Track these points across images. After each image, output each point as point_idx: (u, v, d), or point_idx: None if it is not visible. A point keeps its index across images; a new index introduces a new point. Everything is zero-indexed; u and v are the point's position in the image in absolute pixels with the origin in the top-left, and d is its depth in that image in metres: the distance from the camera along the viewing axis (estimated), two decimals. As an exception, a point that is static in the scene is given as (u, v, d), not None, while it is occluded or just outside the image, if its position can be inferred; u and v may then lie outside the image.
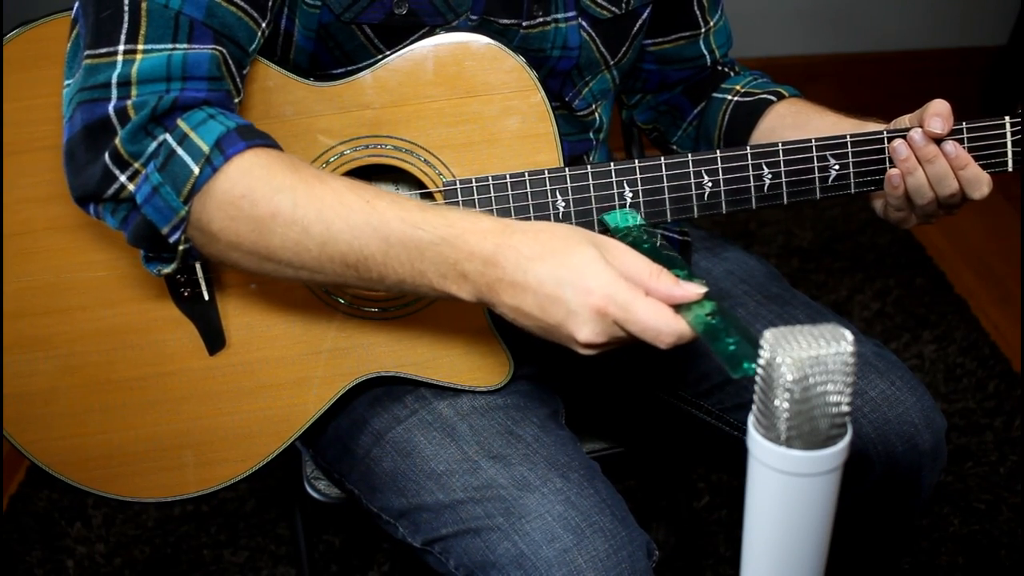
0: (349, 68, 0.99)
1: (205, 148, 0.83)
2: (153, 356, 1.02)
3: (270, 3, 0.91)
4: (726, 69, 1.22)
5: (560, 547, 0.93)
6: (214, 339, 1.01)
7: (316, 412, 1.04)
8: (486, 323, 1.03)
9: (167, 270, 0.89)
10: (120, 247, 0.99)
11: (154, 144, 0.83)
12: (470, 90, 0.97)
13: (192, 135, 0.83)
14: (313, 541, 1.71)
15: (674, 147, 1.25)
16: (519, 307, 0.81)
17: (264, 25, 0.91)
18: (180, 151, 0.83)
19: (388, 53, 0.97)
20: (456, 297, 0.84)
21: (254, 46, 0.91)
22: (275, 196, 0.83)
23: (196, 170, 0.82)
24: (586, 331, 0.79)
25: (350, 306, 1.02)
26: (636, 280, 0.79)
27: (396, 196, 0.84)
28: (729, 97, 1.17)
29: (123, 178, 0.84)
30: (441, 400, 1.05)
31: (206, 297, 1.01)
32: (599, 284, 0.78)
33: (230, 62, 0.88)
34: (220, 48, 0.87)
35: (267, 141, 0.86)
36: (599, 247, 0.80)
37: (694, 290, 0.78)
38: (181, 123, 0.83)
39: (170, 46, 0.85)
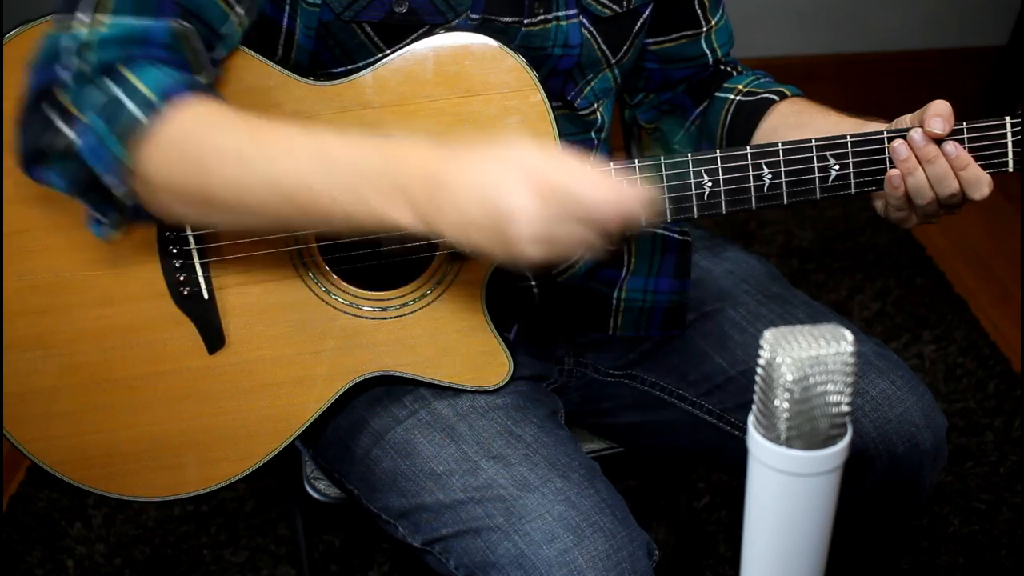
0: (349, 67, 0.99)
1: (149, 94, 0.82)
2: (152, 355, 1.02)
3: None
4: (729, 68, 1.21)
5: (560, 547, 0.93)
6: (213, 338, 1.01)
7: (316, 411, 1.04)
8: (485, 323, 1.03)
9: (113, 233, 0.89)
10: (117, 246, 0.99)
11: (98, 92, 0.83)
12: (470, 90, 0.97)
13: (136, 82, 0.83)
14: (313, 541, 1.71)
15: (676, 147, 1.25)
16: (462, 221, 0.80)
17: (239, 9, 0.91)
18: (124, 98, 0.82)
19: (388, 52, 0.97)
20: (399, 225, 0.82)
21: (226, 28, 0.91)
22: (217, 136, 0.83)
23: (138, 115, 0.82)
24: (523, 202, 0.77)
25: (350, 305, 1.02)
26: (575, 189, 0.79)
27: (337, 129, 0.84)
28: (731, 96, 1.17)
29: (67, 129, 0.84)
30: (441, 400, 1.05)
31: (205, 296, 1.01)
32: (539, 159, 0.79)
33: (192, 39, 0.88)
34: (185, 23, 0.87)
35: (213, 93, 0.86)
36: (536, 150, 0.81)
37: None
38: (126, 71, 0.83)
39: (134, 19, 0.85)
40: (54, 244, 0.99)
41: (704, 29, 1.18)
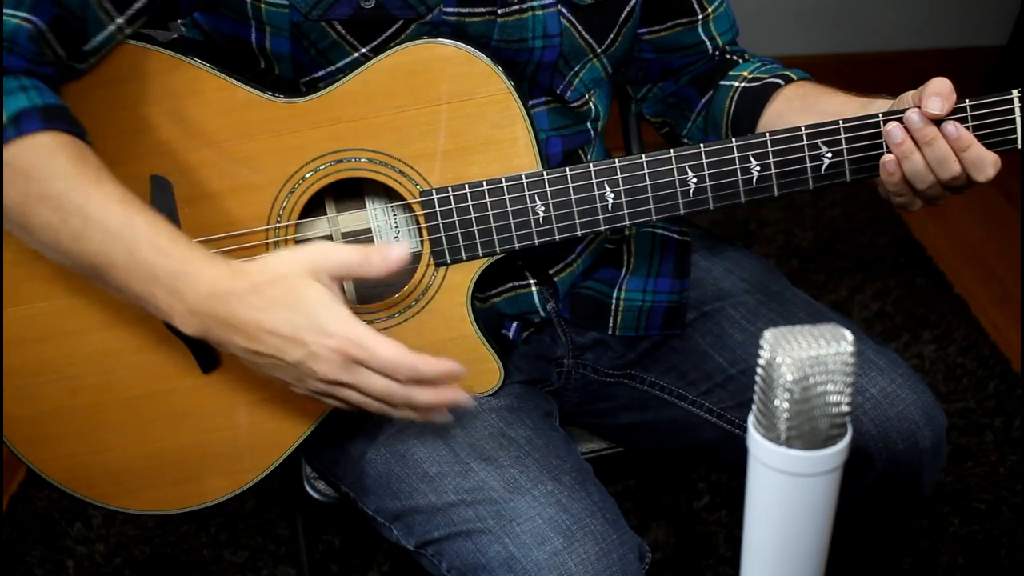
0: (324, 75, 0.99)
1: (4, 120, 0.84)
2: (149, 376, 1.02)
3: None
4: (734, 57, 1.18)
5: (550, 550, 0.92)
6: (207, 358, 1.01)
7: (313, 423, 1.04)
8: (473, 330, 1.02)
9: None
10: None
11: None
12: (441, 97, 0.95)
13: None
14: (313, 541, 1.71)
15: (685, 140, 1.22)
16: (256, 349, 0.87)
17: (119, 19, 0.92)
18: None
19: (364, 61, 0.96)
20: (179, 328, 0.88)
21: (90, 14, 0.91)
22: (50, 181, 0.85)
23: None
24: (326, 368, 0.86)
25: None
26: (356, 272, 0.87)
27: (158, 220, 0.87)
28: (736, 84, 1.14)
29: None
30: (435, 402, 1.05)
31: None
32: (336, 327, 0.85)
33: (48, 35, 0.88)
34: (36, 20, 0.87)
35: (70, 127, 0.87)
36: (318, 276, 0.86)
37: (400, 251, 0.87)
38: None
39: (11, 11, 0.86)
40: (45, 274, 0.98)
41: (700, 17, 1.15)
